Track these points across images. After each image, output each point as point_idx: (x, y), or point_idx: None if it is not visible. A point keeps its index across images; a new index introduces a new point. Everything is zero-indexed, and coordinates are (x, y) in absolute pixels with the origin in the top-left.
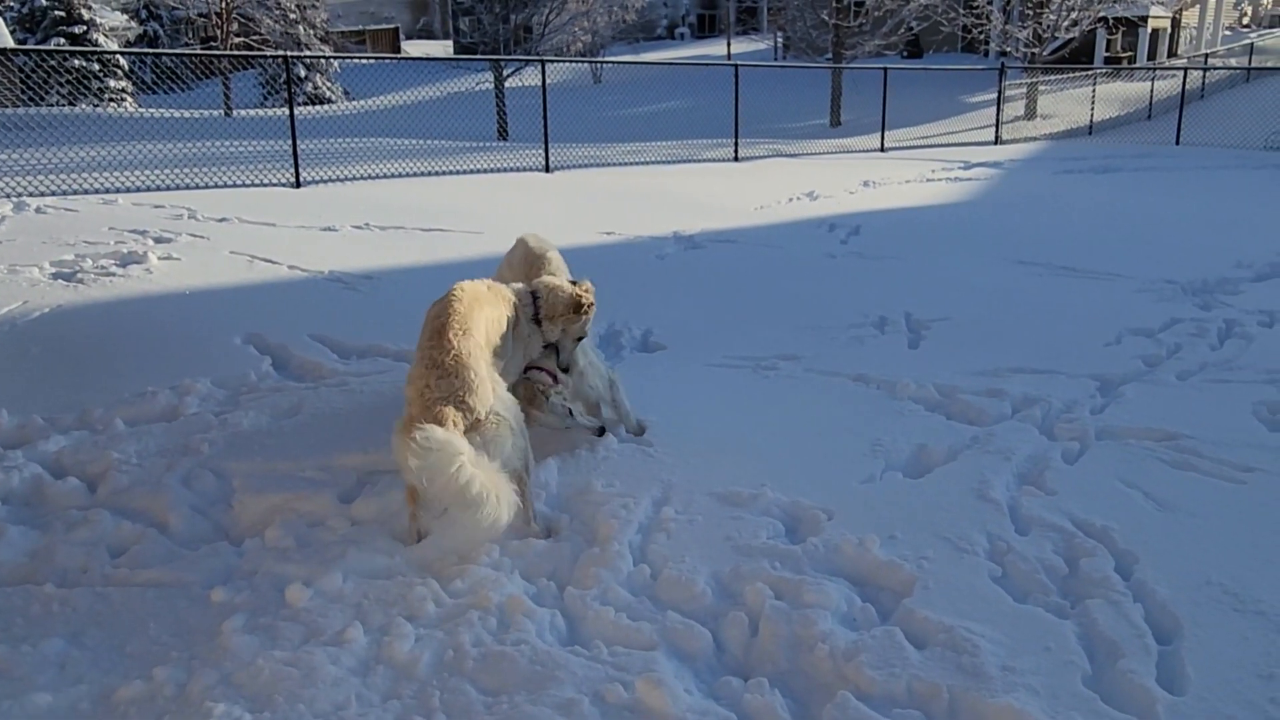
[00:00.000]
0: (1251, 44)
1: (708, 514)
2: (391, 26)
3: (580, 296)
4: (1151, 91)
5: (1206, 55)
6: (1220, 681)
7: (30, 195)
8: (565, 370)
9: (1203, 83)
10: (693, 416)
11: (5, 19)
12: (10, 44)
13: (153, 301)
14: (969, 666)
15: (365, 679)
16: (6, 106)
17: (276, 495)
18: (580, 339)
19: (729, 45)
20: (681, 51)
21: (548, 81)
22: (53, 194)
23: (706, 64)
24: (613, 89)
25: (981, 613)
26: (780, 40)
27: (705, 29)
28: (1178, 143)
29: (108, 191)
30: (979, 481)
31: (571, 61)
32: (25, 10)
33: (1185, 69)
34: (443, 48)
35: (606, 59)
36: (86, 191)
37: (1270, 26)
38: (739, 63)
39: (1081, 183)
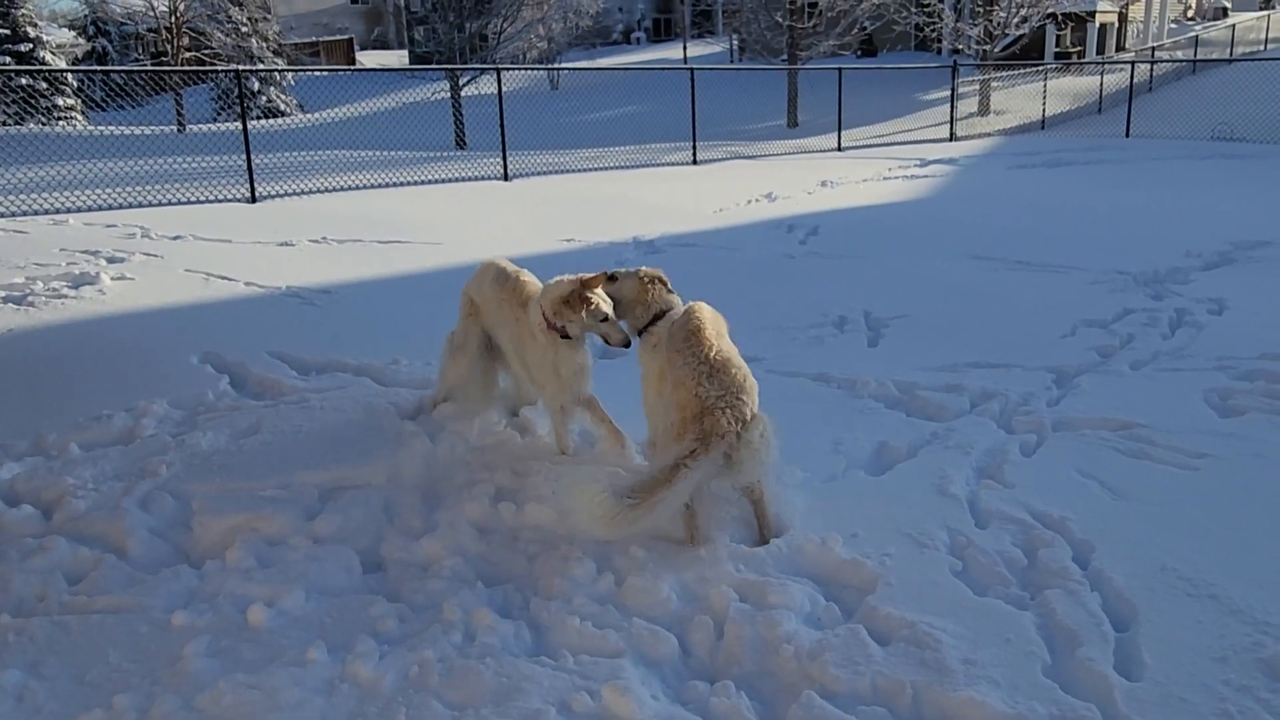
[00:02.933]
0: (1196, 36)
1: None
2: (345, 37)
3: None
4: (1101, 85)
5: (1153, 49)
6: (1176, 666)
7: None
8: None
9: (1150, 76)
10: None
11: None
12: None
13: (106, 323)
14: (931, 661)
15: (329, 699)
16: None
17: (237, 515)
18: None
19: (685, 48)
20: (638, 56)
21: (504, 89)
22: (1, 215)
23: (663, 68)
24: (570, 95)
25: (943, 607)
26: (736, 43)
27: (661, 33)
28: (1128, 135)
29: (58, 212)
30: (939, 477)
31: (527, 69)
32: None
33: (1133, 63)
34: (398, 58)
35: (562, 65)
36: (36, 212)
37: (1214, 19)
38: (695, 66)
39: (1035, 177)
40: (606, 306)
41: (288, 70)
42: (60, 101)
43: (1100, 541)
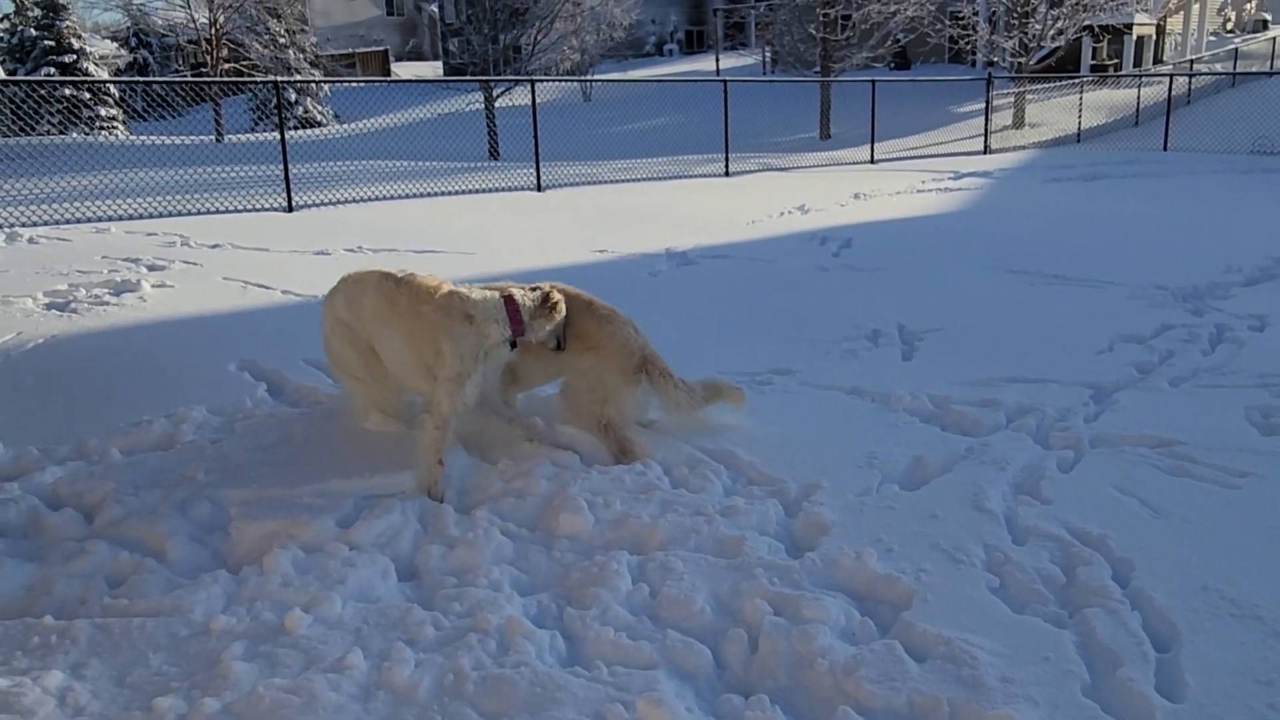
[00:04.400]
0: (1236, 49)
1: (705, 532)
2: (381, 49)
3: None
4: (1138, 98)
5: (1192, 61)
6: (1219, 688)
7: (23, 225)
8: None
9: (1189, 89)
10: (687, 432)
11: None
12: (0, 74)
13: (147, 330)
14: (968, 678)
15: (366, 705)
16: None
17: (274, 521)
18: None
19: (717, 60)
20: (670, 68)
21: (538, 100)
22: (45, 224)
23: (695, 80)
24: (603, 106)
25: (980, 624)
26: (768, 55)
27: (693, 45)
28: (1165, 149)
29: (100, 220)
30: (975, 492)
31: (561, 80)
32: (15, 40)
33: (1171, 75)
34: (432, 69)
35: (596, 77)
36: (79, 220)
37: (1254, 31)
38: (728, 78)
39: (1070, 190)
40: None
41: (324, 81)
42: (103, 112)
43: (1140, 560)
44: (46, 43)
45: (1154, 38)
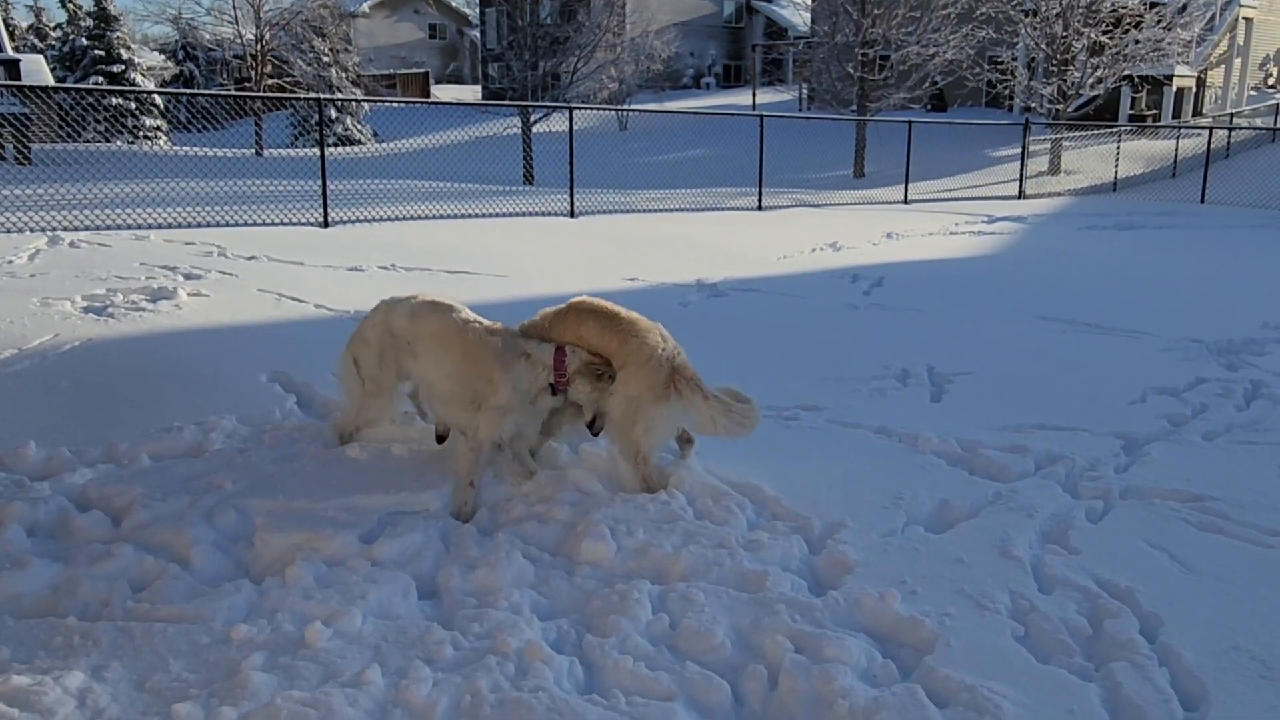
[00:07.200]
0: (1277, 105)
1: (727, 565)
2: (422, 71)
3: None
4: (1176, 150)
5: (1232, 115)
6: None
7: (64, 229)
8: None
9: (1228, 142)
10: (712, 466)
11: (46, 57)
12: (50, 81)
13: (181, 337)
14: None
15: None
16: (45, 142)
17: (298, 534)
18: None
19: (754, 95)
20: (707, 101)
21: (575, 128)
22: (86, 228)
23: (732, 113)
24: (638, 136)
25: (1004, 672)
26: (805, 91)
27: (731, 79)
28: (1203, 201)
29: (140, 227)
30: (1001, 538)
31: (598, 109)
32: (66, 49)
33: (1210, 128)
34: (472, 93)
35: (633, 107)
36: (119, 227)
37: None
38: (764, 113)
39: (1105, 239)
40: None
41: (365, 100)
42: (147, 121)
43: (1169, 615)
44: (96, 52)
45: (1194, 90)
